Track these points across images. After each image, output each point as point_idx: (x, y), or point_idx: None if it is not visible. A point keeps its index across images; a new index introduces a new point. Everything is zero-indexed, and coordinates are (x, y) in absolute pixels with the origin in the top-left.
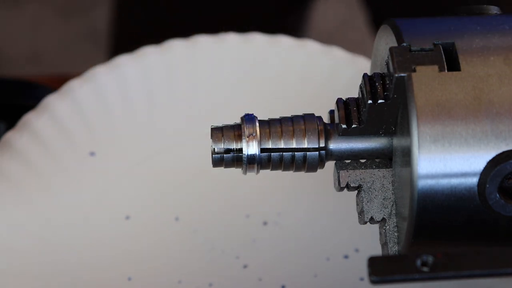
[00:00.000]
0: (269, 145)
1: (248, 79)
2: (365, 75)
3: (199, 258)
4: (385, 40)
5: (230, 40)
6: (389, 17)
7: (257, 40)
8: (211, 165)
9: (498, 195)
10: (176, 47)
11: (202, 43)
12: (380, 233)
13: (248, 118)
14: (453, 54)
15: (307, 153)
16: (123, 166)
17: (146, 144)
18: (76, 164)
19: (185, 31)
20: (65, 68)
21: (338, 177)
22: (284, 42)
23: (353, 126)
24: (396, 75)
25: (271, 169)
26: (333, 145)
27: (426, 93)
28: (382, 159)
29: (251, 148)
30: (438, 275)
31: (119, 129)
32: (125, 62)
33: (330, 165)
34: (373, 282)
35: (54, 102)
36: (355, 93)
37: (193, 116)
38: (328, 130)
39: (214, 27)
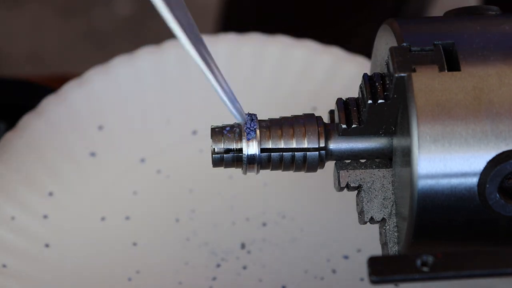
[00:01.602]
0: (269, 145)
1: (248, 79)
2: (365, 75)
3: (199, 259)
4: (385, 40)
5: (230, 40)
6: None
7: (257, 40)
8: (211, 165)
9: (498, 195)
10: (174, 47)
11: None
12: (380, 233)
13: (248, 118)
14: (453, 54)
15: (307, 153)
16: (123, 166)
17: (146, 144)
18: (76, 164)
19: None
20: (65, 68)
21: (338, 177)
22: (283, 41)
23: (353, 126)
24: (396, 75)
25: (271, 169)
26: (333, 145)
27: (426, 93)
28: (382, 159)
29: (251, 148)
30: (438, 275)
31: (119, 130)
32: (123, 63)
33: (330, 165)
34: (373, 282)
35: (53, 103)
36: (355, 93)
37: (192, 116)
38: (328, 130)
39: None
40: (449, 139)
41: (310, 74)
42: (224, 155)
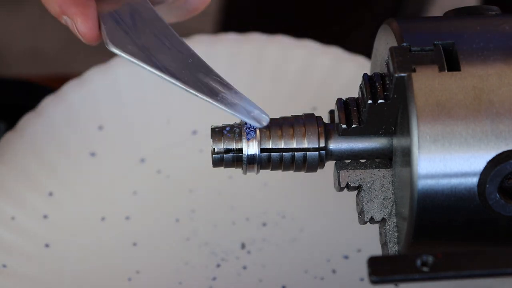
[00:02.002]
0: (269, 145)
1: (248, 79)
2: (365, 75)
3: (199, 259)
4: (385, 40)
5: (230, 40)
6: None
7: (257, 40)
8: (211, 165)
9: (498, 195)
10: None
11: (201, 43)
12: (380, 233)
13: None
14: (453, 54)
15: (307, 153)
16: (123, 166)
17: (146, 144)
18: (76, 164)
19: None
20: (65, 68)
21: (338, 177)
22: (283, 41)
23: (353, 126)
24: (396, 75)
25: (271, 169)
26: (333, 145)
27: (426, 93)
28: (382, 159)
29: (251, 148)
30: (438, 275)
31: (119, 130)
32: (123, 63)
33: (330, 165)
34: (373, 282)
35: (53, 103)
36: (355, 93)
37: (192, 116)
38: (328, 130)
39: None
40: (449, 139)
41: (310, 74)
42: (224, 155)
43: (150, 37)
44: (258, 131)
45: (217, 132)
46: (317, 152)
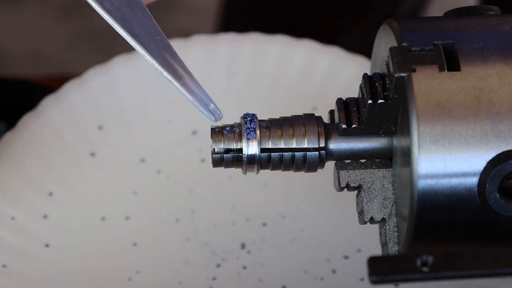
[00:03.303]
0: (269, 145)
1: (248, 78)
2: (365, 75)
3: (199, 259)
4: (385, 40)
5: (230, 40)
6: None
7: (257, 40)
8: (211, 165)
9: (498, 195)
10: (174, 46)
11: (201, 43)
12: (380, 233)
13: (248, 118)
14: (453, 54)
15: (307, 153)
16: (123, 166)
17: (146, 144)
18: (76, 164)
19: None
20: (65, 68)
21: (338, 177)
22: (283, 41)
23: (353, 126)
24: (396, 75)
25: (271, 169)
26: (333, 145)
27: (426, 93)
28: (382, 159)
29: (251, 148)
30: (438, 275)
31: (119, 130)
32: (123, 63)
33: (330, 165)
34: (373, 282)
35: (53, 103)
36: (355, 93)
37: (192, 116)
38: (328, 130)
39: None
40: (449, 139)
41: (310, 74)
42: (224, 155)
43: (124, 4)
44: (258, 131)
45: (217, 132)
46: (317, 152)
